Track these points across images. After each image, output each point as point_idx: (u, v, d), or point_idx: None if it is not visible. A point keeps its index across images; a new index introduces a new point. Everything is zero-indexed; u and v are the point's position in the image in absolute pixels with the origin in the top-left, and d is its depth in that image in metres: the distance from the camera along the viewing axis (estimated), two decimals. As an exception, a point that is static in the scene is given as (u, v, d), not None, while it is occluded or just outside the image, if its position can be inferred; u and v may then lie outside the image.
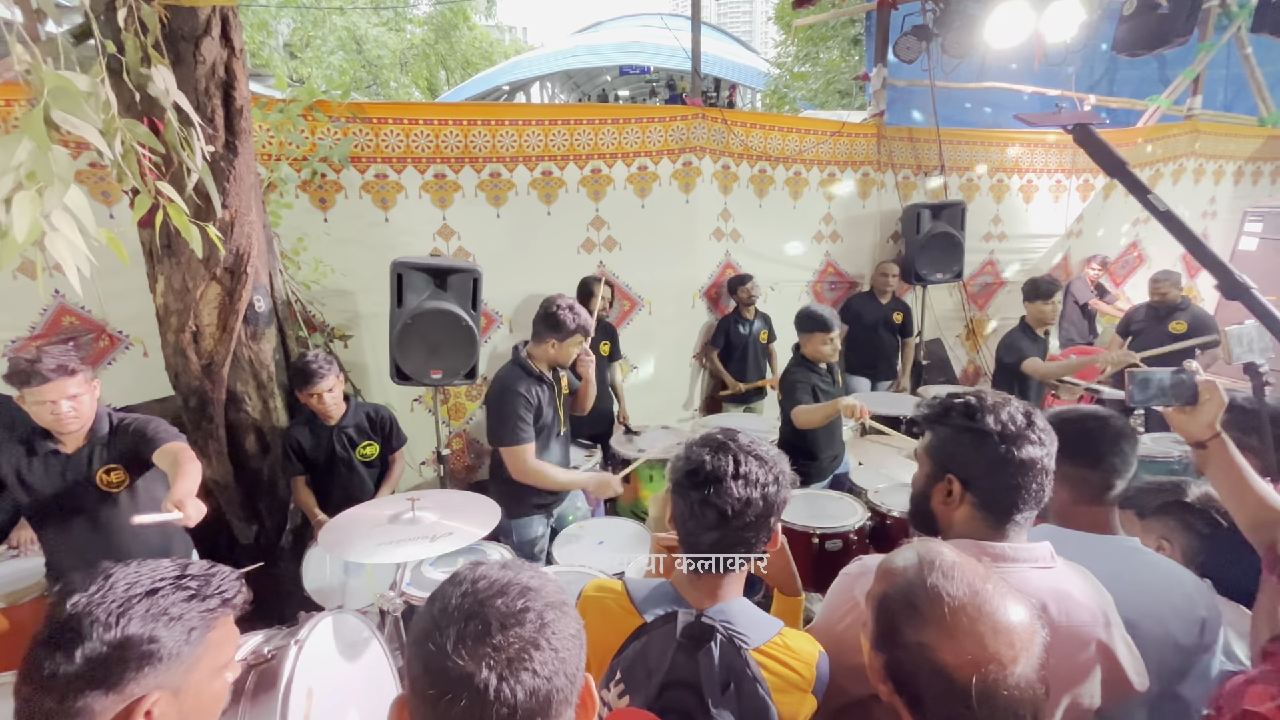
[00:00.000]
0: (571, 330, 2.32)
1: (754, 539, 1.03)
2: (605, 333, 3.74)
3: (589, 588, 1.14)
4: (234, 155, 2.35)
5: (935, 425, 1.17)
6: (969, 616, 0.74)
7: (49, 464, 1.88)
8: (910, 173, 4.75)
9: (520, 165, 3.64)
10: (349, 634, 1.45)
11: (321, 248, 3.34)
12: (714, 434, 1.08)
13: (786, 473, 1.07)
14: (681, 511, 1.04)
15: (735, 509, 0.99)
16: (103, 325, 3.12)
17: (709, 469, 1.01)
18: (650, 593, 1.08)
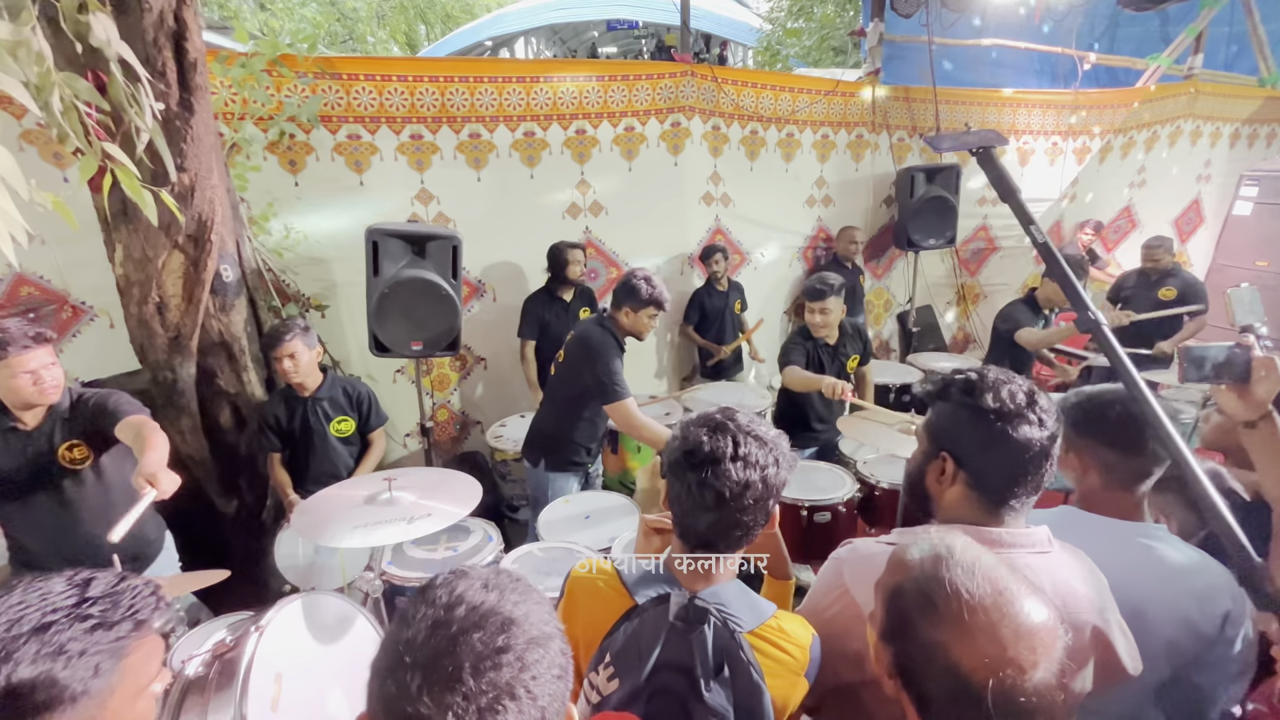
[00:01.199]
0: (645, 300, 2.35)
1: (752, 522, 1.00)
2: (584, 298, 3.64)
3: (578, 567, 1.10)
4: (189, 113, 2.20)
5: (935, 401, 1.12)
6: (989, 616, 0.70)
7: (9, 441, 1.80)
8: (905, 134, 4.61)
9: (501, 125, 3.48)
10: (327, 615, 1.41)
11: (293, 213, 3.20)
12: (712, 414, 1.03)
13: (786, 454, 1.02)
14: (678, 493, 1.00)
15: (734, 491, 0.95)
16: (64, 296, 2.98)
17: (707, 450, 0.96)
18: (642, 574, 1.05)
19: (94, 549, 1.87)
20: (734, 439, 0.97)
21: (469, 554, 1.94)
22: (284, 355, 2.34)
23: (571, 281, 3.49)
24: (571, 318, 3.53)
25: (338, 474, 2.57)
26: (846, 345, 2.93)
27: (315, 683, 1.27)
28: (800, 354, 2.81)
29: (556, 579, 1.83)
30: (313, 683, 1.26)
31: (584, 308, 3.59)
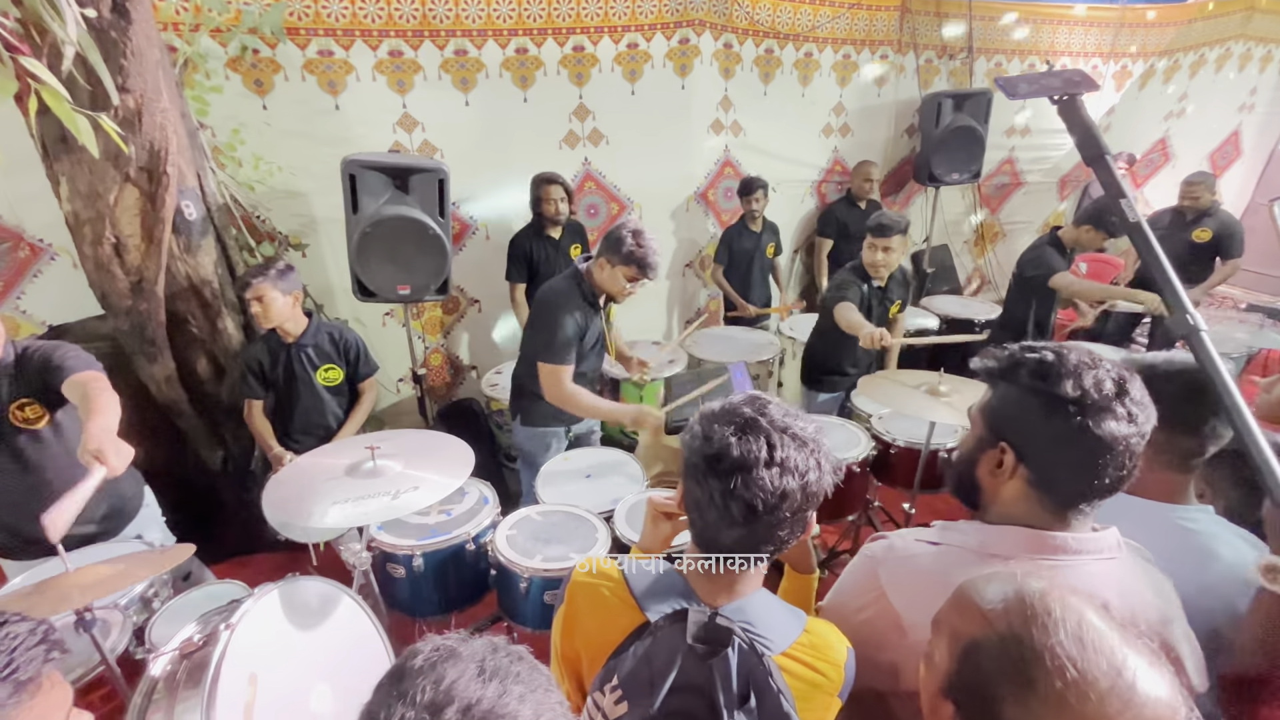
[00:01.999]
0: (624, 257, 2.04)
1: (788, 535, 0.85)
2: (575, 233, 3.39)
3: (579, 568, 0.97)
4: (125, 21, 1.90)
5: (998, 381, 0.94)
6: (1105, 706, 0.56)
7: None
8: (934, 55, 4.21)
9: (490, 41, 3.12)
10: (307, 602, 1.30)
11: (263, 141, 2.90)
12: (738, 406, 0.85)
13: (829, 455, 0.86)
14: (698, 500, 0.84)
15: (769, 503, 0.79)
16: (19, 233, 2.73)
17: (736, 455, 0.79)
18: (653, 583, 0.91)
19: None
20: (768, 440, 0.80)
21: (464, 518, 1.83)
22: (252, 298, 2.15)
23: (554, 219, 3.22)
24: (563, 256, 3.29)
25: (326, 424, 2.44)
26: (893, 290, 2.76)
27: (296, 679, 1.18)
28: (855, 293, 2.62)
29: (558, 545, 1.74)
30: (293, 680, 1.17)
31: (575, 244, 3.35)
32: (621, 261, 2.04)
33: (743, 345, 3.40)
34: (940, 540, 0.96)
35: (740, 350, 3.31)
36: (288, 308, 2.22)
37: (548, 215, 3.17)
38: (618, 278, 2.08)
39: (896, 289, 2.80)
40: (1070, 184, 5.16)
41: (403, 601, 1.81)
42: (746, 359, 3.21)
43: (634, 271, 2.06)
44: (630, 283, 2.10)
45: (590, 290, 2.17)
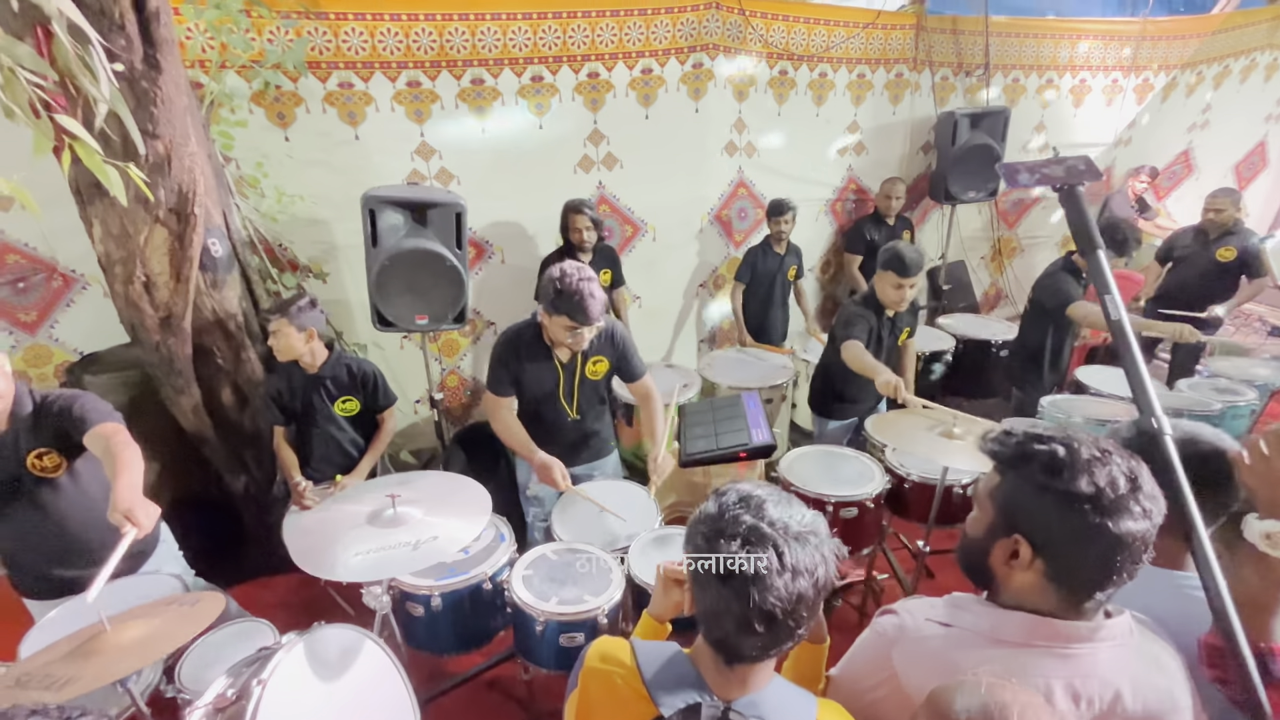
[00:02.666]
0: (550, 305, 1.94)
1: (804, 630, 0.86)
2: (606, 258, 3.43)
3: (593, 655, 0.98)
4: (156, 72, 1.96)
5: (1006, 471, 0.95)
6: None
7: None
8: (949, 72, 4.19)
9: (506, 69, 3.16)
10: (330, 650, 1.34)
11: (285, 172, 2.97)
12: (738, 515, 0.85)
13: (831, 541, 0.87)
14: (713, 609, 0.85)
15: (786, 609, 0.81)
16: (53, 264, 2.83)
17: (749, 571, 0.81)
18: (665, 670, 0.92)
19: (81, 552, 1.82)
20: (775, 547, 0.81)
21: (481, 556, 1.86)
22: (270, 333, 2.24)
23: (582, 245, 3.26)
24: None
25: (346, 452, 2.49)
26: (902, 318, 2.73)
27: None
28: (864, 328, 2.58)
29: (573, 587, 1.76)
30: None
31: (604, 269, 3.38)
32: (553, 310, 1.94)
33: (757, 370, 3.40)
34: (951, 621, 0.97)
35: (755, 375, 3.32)
36: (301, 343, 2.27)
37: (575, 242, 3.22)
38: (557, 327, 1.99)
39: (906, 317, 2.78)
40: (1089, 198, 5.09)
41: (421, 639, 1.85)
42: (760, 384, 3.22)
43: (566, 320, 1.93)
44: (569, 331, 1.96)
45: (538, 334, 2.12)
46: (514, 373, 2.16)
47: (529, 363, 2.15)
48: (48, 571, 1.83)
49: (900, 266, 2.48)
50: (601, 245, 3.40)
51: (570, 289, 1.89)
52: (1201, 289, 3.79)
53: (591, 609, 1.66)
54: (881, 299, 2.60)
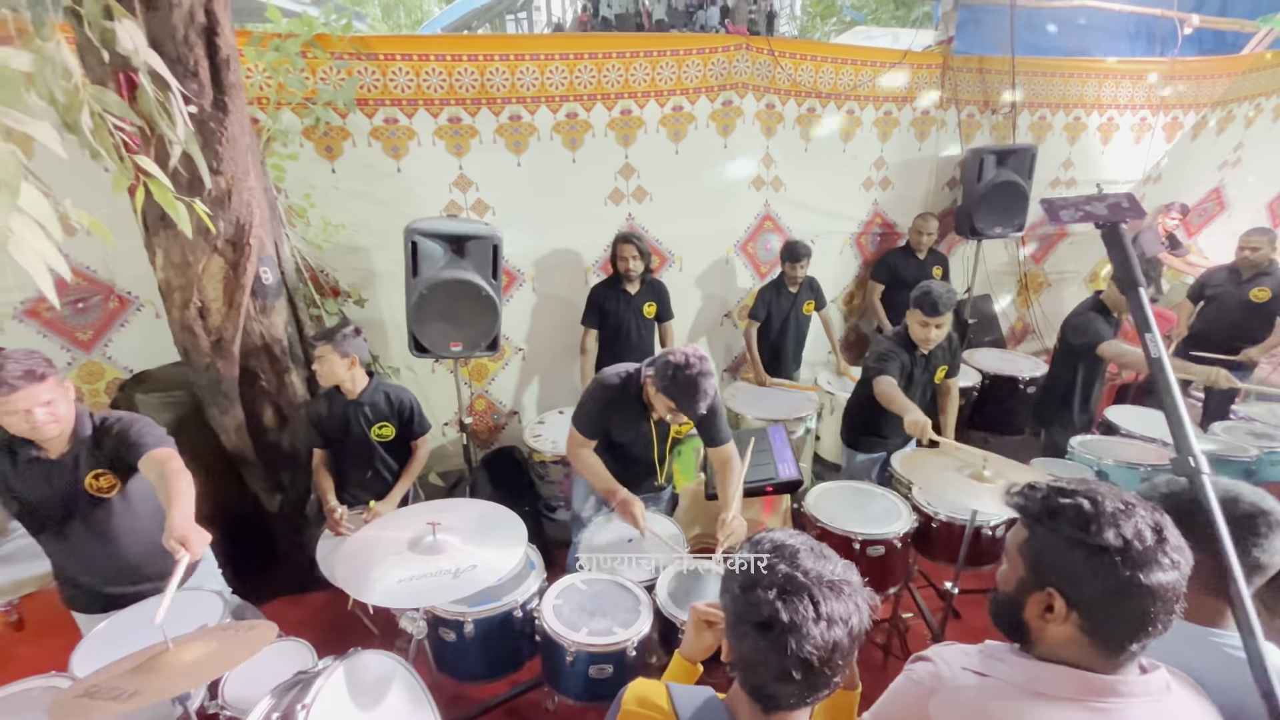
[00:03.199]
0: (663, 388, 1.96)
1: (839, 678, 0.89)
2: (653, 292, 3.50)
3: (630, 699, 1.00)
4: (224, 114, 2.10)
5: (1034, 525, 0.97)
6: None
7: (33, 470, 1.77)
8: (975, 110, 4.24)
9: (543, 106, 3.29)
10: (367, 676, 1.38)
11: (330, 202, 3.11)
12: (774, 564, 0.89)
13: (864, 591, 0.90)
14: (751, 660, 0.88)
15: (823, 656, 0.84)
16: (110, 286, 2.98)
17: (785, 620, 0.84)
18: (700, 717, 0.94)
19: (128, 570, 1.91)
20: (811, 597, 0.85)
21: (512, 584, 1.90)
22: (315, 358, 2.33)
23: (628, 275, 3.35)
24: (634, 312, 3.42)
25: (380, 477, 2.55)
26: (938, 354, 2.74)
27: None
28: (896, 364, 2.59)
29: (602, 619, 1.79)
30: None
31: (649, 303, 3.46)
32: (661, 391, 1.99)
33: (782, 403, 3.42)
34: (987, 671, 0.98)
35: (780, 408, 3.34)
36: (343, 369, 2.36)
37: (621, 271, 3.32)
38: (660, 403, 2.04)
39: (940, 354, 2.78)
40: (1118, 234, 5.06)
41: (450, 664, 1.89)
42: (785, 415, 3.24)
43: (670, 403, 1.99)
44: (671, 412, 2.02)
45: (639, 394, 2.16)
46: (606, 423, 2.19)
47: (623, 416, 2.19)
48: (97, 588, 1.91)
49: (928, 305, 2.50)
50: (649, 278, 3.48)
51: (686, 381, 1.91)
52: (1234, 328, 3.74)
53: (621, 641, 1.69)
54: (912, 336, 2.62)
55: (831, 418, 3.59)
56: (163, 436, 1.81)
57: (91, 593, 1.91)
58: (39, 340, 2.93)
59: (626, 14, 9.04)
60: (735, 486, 2.15)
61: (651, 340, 3.58)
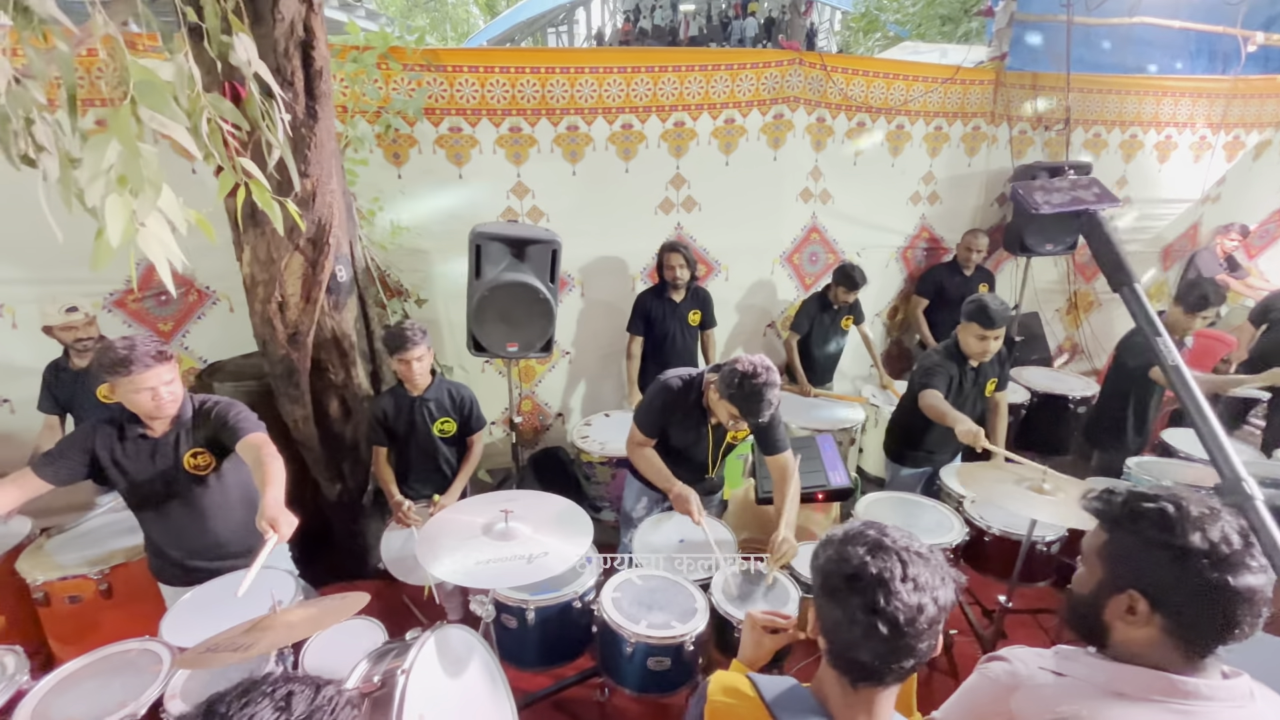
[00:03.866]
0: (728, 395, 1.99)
1: (927, 649, 0.90)
2: (698, 300, 3.56)
3: (715, 690, 1.00)
4: (314, 121, 2.23)
5: (1114, 529, 0.99)
6: None
7: (139, 447, 1.90)
8: (1028, 127, 4.21)
9: (599, 118, 3.39)
10: (453, 648, 1.45)
11: (395, 205, 3.26)
12: (863, 530, 0.93)
13: (950, 571, 0.93)
14: (837, 621, 0.90)
15: (908, 616, 0.85)
16: (190, 280, 3.17)
17: (874, 572, 0.87)
18: (789, 702, 0.96)
19: (215, 546, 2.04)
20: (900, 558, 0.88)
21: (570, 575, 1.96)
22: (412, 359, 2.42)
23: (674, 283, 3.41)
24: (679, 320, 3.48)
25: (441, 471, 2.65)
26: (987, 367, 2.72)
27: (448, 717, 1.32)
28: (944, 379, 2.59)
29: (660, 612, 1.84)
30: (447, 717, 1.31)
31: (694, 310, 3.52)
32: (725, 398, 2.01)
33: (827, 412, 3.44)
34: (1065, 671, 1.00)
35: (826, 417, 3.36)
36: (430, 365, 2.48)
37: (668, 280, 3.38)
38: (722, 410, 2.07)
39: (990, 368, 2.77)
40: (1174, 255, 4.95)
41: (509, 650, 1.95)
42: (831, 426, 3.25)
43: (734, 410, 2.01)
44: (733, 418, 2.05)
45: (699, 399, 2.20)
46: (665, 424, 2.24)
47: (682, 419, 2.23)
48: (185, 561, 2.04)
49: (985, 318, 2.50)
50: (694, 286, 3.54)
51: (752, 389, 1.93)
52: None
53: (680, 635, 1.73)
54: (965, 350, 2.62)
55: (875, 430, 3.59)
56: (257, 421, 1.93)
57: (178, 566, 2.04)
58: (125, 330, 3.13)
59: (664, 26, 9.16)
60: (791, 502, 2.14)
61: (695, 347, 3.63)
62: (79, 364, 2.67)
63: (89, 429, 1.89)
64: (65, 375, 2.69)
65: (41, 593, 2.13)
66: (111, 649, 1.75)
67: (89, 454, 1.86)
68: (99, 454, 1.87)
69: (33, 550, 2.27)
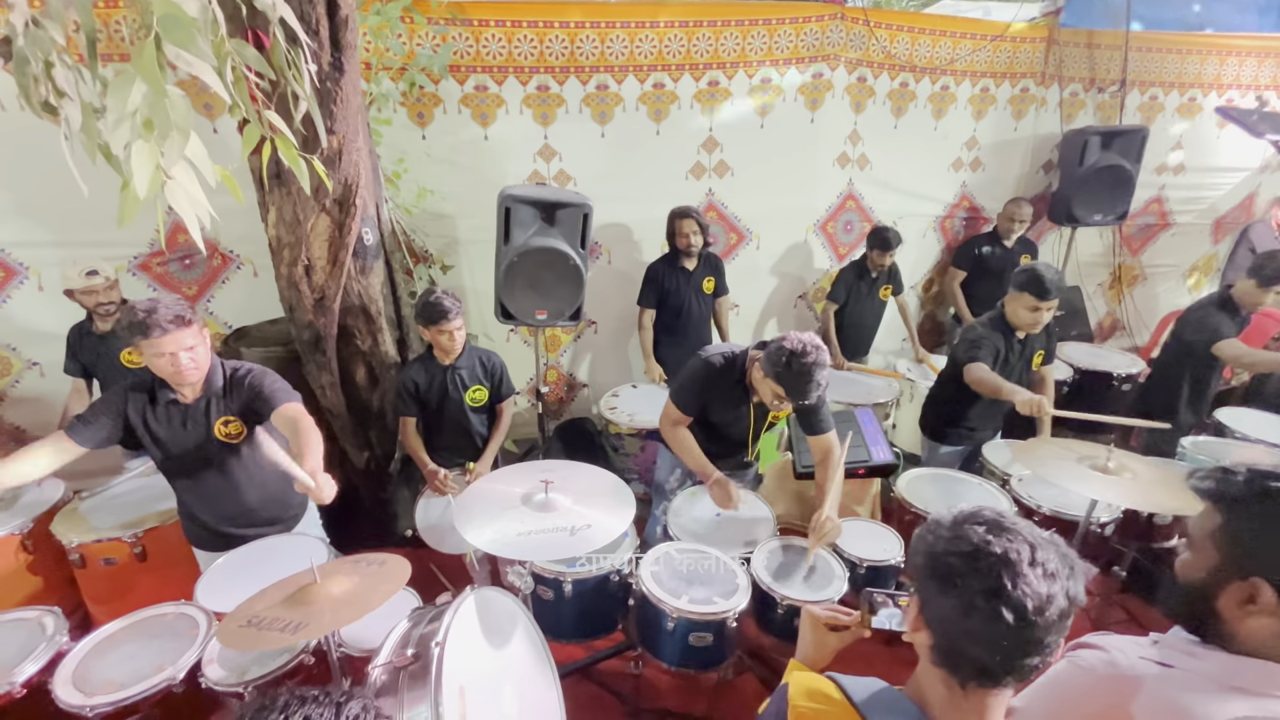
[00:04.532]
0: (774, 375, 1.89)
1: (1054, 645, 0.77)
2: (711, 267, 3.44)
3: (797, 694, 0.89)
4: (339, 74, 2.13)
5: (1234, 508, 0.90)
6: None
7: (170, 413, 1.87)
8: (1080, 88, 3.98)
9: (630, 76, 3.24)
10: (493, 613, 1.41)
11: (419, 167, 3.16)
12: (977, 510, 0.83)
13: (1080, 562, 0.81)
14: (948, 610, 0.79)
15: (1038, 604, 0.74)
16: (214, 244, 3.11)
17: (998, 552, 0.76)
18: (883, 707, 0.86)
19: (247, 512, 2.02)
20: (1026, 540, 0.77)
21: (607, 550, 1.91)
22: (451, 330, 2.35)
23: (688, 251, 3.29)
24: (693, 289, 3.36)
25: (472, 440, 2.60)
26: (1034, 339, 2.60)
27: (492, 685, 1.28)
28: (990, 350, 2.47)
29: (701, 588, 1.79)
30: (490, 686, 1.27)
31: (708, 278, 3.40)
32: (771, 377, 1.91)
33: (862, 388, 3.33)
34: (1170, 662, 0.92)
35: (860, 393, 3.25)
36: (464, 334, 2.42)
37: (681, 248, 3.25)
38: (766, 389, 1.97)
39: (1037, 340, 2.65)
40: (1226, 227, 4.72)
41: (546, 623, 1.91)
42: (865, 400, 3.16)
43: (781, 391, 1.91)
44: (778, 400, 1.95)
45: (742, 378, 2.11)
46: (705, 401, 2.16)
47: (723, 397, 2.14)
48: (217, 527, 2.02)
49: (1039, 288, 2.37)
50: (707, 253, 3.41)
51: (801, 369, 1.83)
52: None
53: (722, 611, 1.68)
54: (1013, 321, 2.50)
55: (911, 406, 3.48)
56: (292, 391, 1.89)
57: (211, 531, 2.02)
58: (149, 294, 3.09)
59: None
60: (835, 484, 2.04)
61: (710, 317, 3.51)
62: (102, 328, 2.63)
63: (120, 392, 1.86)
64: (89, 339, 2.66)
65: (77, 554, 2.12)
66: (148, 612, 1.73)
67: (121, 417, 1.84)
68: (131, 418, 1.85)
69: (67, 513, 2.26)
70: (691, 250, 3.28)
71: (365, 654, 1.62)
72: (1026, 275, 2.43)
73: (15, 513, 2.26)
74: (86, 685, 1.50)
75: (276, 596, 1.25)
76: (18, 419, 3.20)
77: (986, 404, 2.63)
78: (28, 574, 2.21)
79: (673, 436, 2.21)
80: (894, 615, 1.08)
